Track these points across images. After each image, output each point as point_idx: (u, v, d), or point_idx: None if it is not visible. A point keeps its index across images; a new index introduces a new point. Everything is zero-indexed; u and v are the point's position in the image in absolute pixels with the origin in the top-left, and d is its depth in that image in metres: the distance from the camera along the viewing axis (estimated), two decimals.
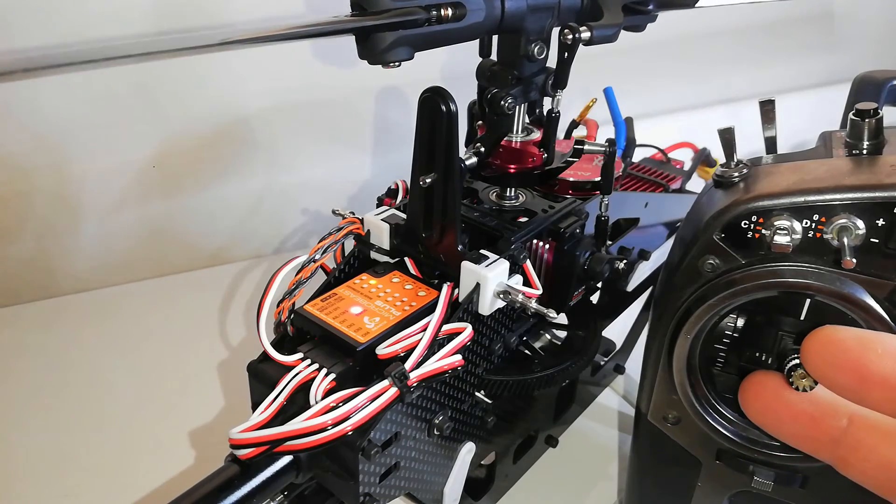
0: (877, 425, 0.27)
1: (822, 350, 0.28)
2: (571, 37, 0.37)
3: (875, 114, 0.32)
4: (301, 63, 0.71)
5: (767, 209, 0.31)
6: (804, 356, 0.28)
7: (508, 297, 0.36)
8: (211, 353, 0.61)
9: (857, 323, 0.30)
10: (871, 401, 0.27)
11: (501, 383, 0.41)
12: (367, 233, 0.42)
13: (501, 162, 0.42)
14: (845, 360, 0.27)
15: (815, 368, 0.28)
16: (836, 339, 0.27)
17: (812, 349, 0.28)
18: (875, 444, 0.27)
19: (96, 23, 0.60)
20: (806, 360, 0.28)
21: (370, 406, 0.31)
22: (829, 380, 0.28)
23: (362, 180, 0.81)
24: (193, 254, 0.75)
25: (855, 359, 0.27)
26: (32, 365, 0.60)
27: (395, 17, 0.31)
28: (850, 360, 0.27)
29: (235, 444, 0.30)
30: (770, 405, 0.31)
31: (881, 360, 0.26)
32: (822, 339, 0.28)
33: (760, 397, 0.31)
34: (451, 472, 0.40)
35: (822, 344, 0.28)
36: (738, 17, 0.97)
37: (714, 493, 0.38)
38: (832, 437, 0.29)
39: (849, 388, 0.27)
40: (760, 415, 0.31)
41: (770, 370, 0.32)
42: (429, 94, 0.35)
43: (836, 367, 0.27)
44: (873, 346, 0.26)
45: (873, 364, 0.26)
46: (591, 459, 0.52)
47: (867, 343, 0.27)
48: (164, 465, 0.49)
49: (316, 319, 0.36)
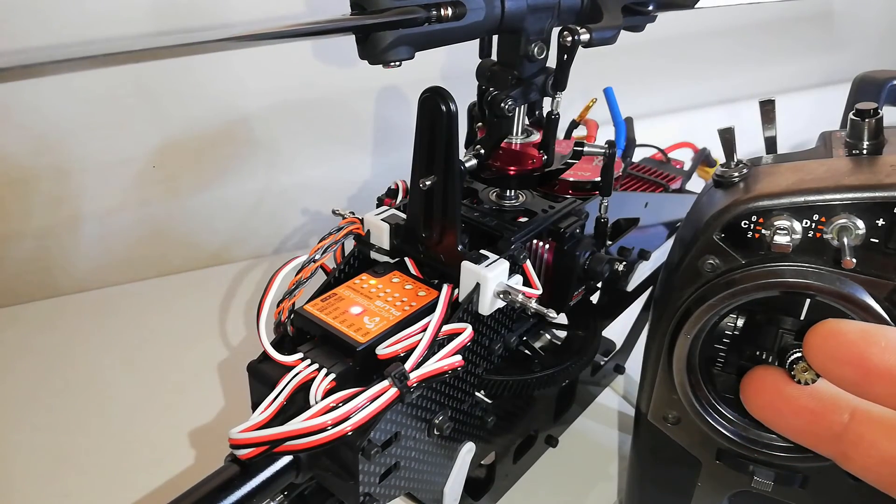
0: (878, 420, 0.27)
1: (824, 343, 0.28)
2: (571, 39, 0.37)
3: (875, 114, 0.32)
4: (301, 63, 0.71)
5: (767, 209, 0.31)
6: (807, 349, 0.28)
7: (508, 298, 0.36)
8: (211, 353, 0.61)
9: None
10: (873, 394, 0.27)
11: (501, 383, 0.41)
12: (367, 233, 0.42)
13: (501, 164, 0.42)
14: (847, 354, 0.27)
15: (817, 361, 0.28)
16: (839, 333, 0.27)
17: (814, 342, 0.28)
18: (876, 439, 0.27)
19: (94, 22, 0.60)
20: (808, 354, 0.28)
21: (370, 406, 0.31)
22: (832, 373, 0.28)
23: (362, 180, 0.81)
24: (193, 254, 0.75)
25: (857, 352, 0.27)
26: (32, 365, 0.60)
27: (394, 16, 0.31)
28: (852, 353, 0.27)
29: (235, 443, 0.31)
30: (771, 400, 0.31)
31: (883, 354, 0.26)
32: (824, 332, 0.28)
33: (762, 393, 0.31)
34: (451, 472, 0.40)
35: (824, 337, 0.28)
36: (738, 17, 0.97)
37: (714, 492, 0.38)
38: (833, 433, 0.28)
39: (851, 381, 0.27)
40: (762, 410, 0.31)
41: (771, 366, 0.32)
42: (429, 94, 0.35)
43: (839, 360, 0.27)
44: (876, 339, 0.26)
45: (876, 357, 0.26)
46: (591, 459, 0.52)
47: (870, 336, 0.27)
48: (163, 465, 0.49)
49: (316, 319, 0.36)
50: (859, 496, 0.33)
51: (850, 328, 0.27)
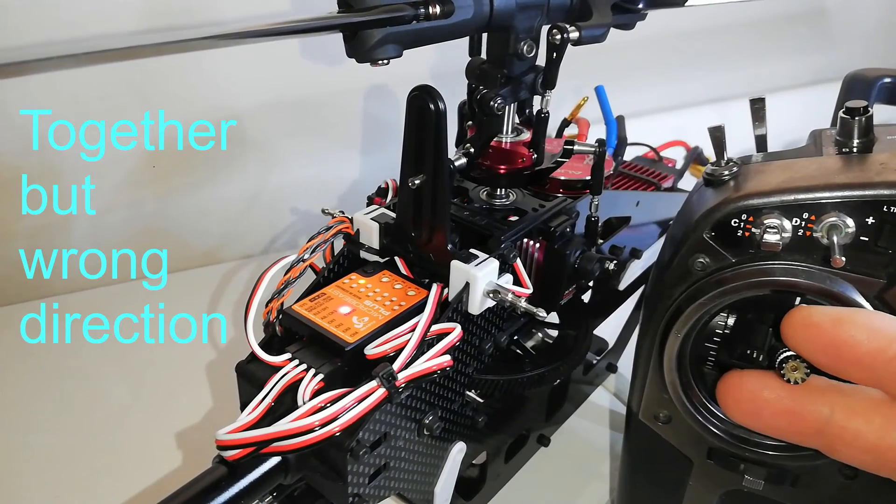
0: (859, 411, 0.28)
1: (796, 332, 0.28)
2: (560, 37, 0.37)
3: (865, 112, 0.32)
4: (290, 62, 0.70)
5: (757, 207, 0.31)
6: (783, 338, 0.29)
7: (498, 297, 0.36)
8: (199, 353, 0.60)
9: None
10: (851, 376, 0.27)
11: (492, 383, 0.41)
12: (356, 232, 0.41)
13: (491, 163, 0.42)
14: (821, 341, 0.27)
15: (795, 349, 0.29)
16: (810, 320, 0.28)
17: (788, 332, 0.29)
18: (859, 429, 0.27)
19: (81, 21, 0.59)
20: (786, 342, 0.29)
21: (358, 407, 0.31)
22: (810, 359, 0.28)
23: (352, 179, 0.81)
24: (184, 254, 0.74)
25: (830, 339, 0.27)
26: (21, 366, 0.59)
27: (382, 14, 0.31)
28: (825, 340, 0.27)
29: (223, 445, 0.30)
30: (750, 406, 0.31)
31: (855, 338, 0.27)
32: (795, 321, 0.28)
33: (740, 400, 0.31)
34: (442, 473, 0.39)
35: (795, 327, 0.28)
36: (729, 16, 0.97)
37: (705, 491, 0.38)
38: (816, 428, 0.29)
39: (828, 366, 0.28)
40: (742, 416, 0.31)
41: (744, 369, 0.32)
42: (417, 92, 0.35)
43: (813, 347, 0.28)
44: (847, 323, 0.27)
45: (848, 341, 0.27)
46: (583, 459, 0.52)
47: (840, 322, 0.27)
48: (151, 466, 0.49)
49: (304, 319, 0.35)
50: (850, 494, 0.33)
51: (821, 315, 0.28)
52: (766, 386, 0.30)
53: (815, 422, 0.29)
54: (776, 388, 0.30)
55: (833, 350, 0.27)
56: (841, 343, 0.27)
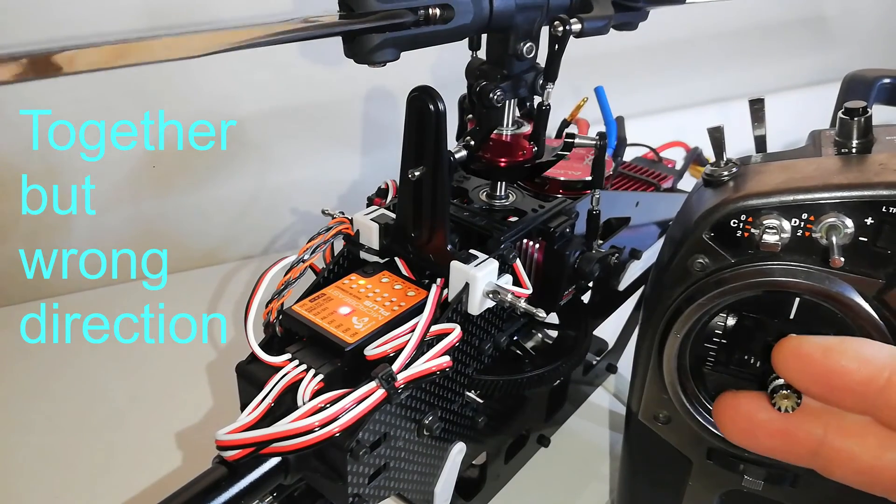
0: (853, 432, 0.28)
1: (787, 363, 0.29)
2: (562, 29, 0.37)
3: (864, 112, 0.32)
4: (290, 63, 0.70)
5: (756, 208, 0.31)
6: (774, 366, 0.29)
7: (498, 297, 0.36)
8: (199, 353, 0.60)
9: (846, 321, 0.30)
10: (843, 405, 0.28)
11: (492, 383, 0.41)
12: (356, 233, 0.41)
13: (491, 155, 0.42)
14: (812, 372, 0.28)
15: (787, 379, 0.29)
16: (800, 351, 0.28)
17: (779, 363, 0.29)
18: (852, 452, 0.28)
19: (83, 23, 0.60)
20: (777, 370, 0.29)
21: (358, 407, 0.31)
22: (803, 390, 0.29)
23: (352, 180, 0.81)
24: (184, 254, 0.74)
25: (820, 370, 0.27)
26: (21, 366, 0.59)
27: (382, 20, 0.31)
28: (816, 371, 0.28)
29: (222, 445, 0.30)
30: (745, 426, 0.31)
31: (845, 367, 0.27)
32: (786, 352, 0.29)
33: (735, 421, 0.31)
34: (442, 473, 0.39)
35: (786, 357, 0.29)
36: (730, 18, 0.97)
37: (705, 491, 0.38)
38: (810, 449, 0.29)
39: (820, 396, 0.28)
40: (738, 436, 0.32)
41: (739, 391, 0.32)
42: (417, 93, 0.35)
43: (804, 378, 0.28)
44: (835, 354, 0.27)
45: (838, 372, 0.27)
46: (583, 459, 0.52)
47: (829, 352, 0.27)
48: (150, 467, 0.49)
49: (304, 320, 0.35)
50: (849, 494, 0.33)
51: (811, 346, 0.28)
52: (762, 408, 0.30)
53: (810, 443, 0.29)
54: (771, 410, 0.30)
55: (824, 380, 0.27)
56: (832, 373, 0.27)
